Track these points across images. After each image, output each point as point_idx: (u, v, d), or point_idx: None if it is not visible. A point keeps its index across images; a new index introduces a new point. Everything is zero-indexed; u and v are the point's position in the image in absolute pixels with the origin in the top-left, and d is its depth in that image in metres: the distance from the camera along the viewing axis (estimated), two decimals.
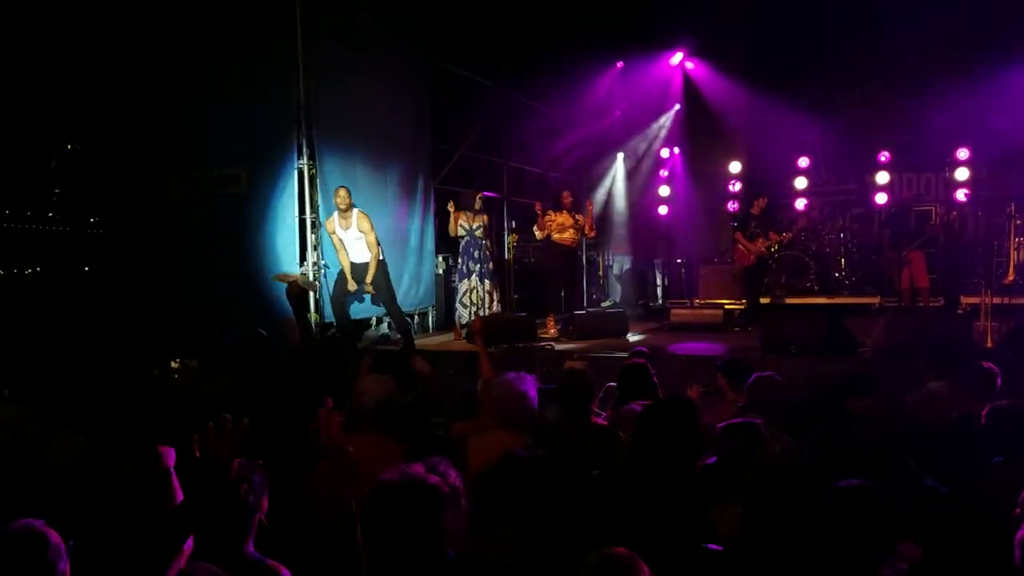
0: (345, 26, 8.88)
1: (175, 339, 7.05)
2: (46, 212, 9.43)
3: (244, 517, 2.48)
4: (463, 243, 9.53)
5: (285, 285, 6.90)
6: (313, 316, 8.31)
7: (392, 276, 8.62)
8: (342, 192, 8.04)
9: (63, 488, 2.99)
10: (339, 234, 8.17)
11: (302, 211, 8.38)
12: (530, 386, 3.90)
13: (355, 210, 8.14)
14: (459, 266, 9.60)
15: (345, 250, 8.18)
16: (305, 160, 8.36)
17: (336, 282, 8.33)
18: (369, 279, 8.15)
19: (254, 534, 2.51)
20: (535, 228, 9.86)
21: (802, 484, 2.58)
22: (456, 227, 9.51)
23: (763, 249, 10.17)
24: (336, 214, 8.12)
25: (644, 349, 5.38)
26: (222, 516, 2.42)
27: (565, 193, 10.02)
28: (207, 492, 2.36)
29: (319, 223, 8.46)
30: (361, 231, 8.13)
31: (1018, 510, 2.48)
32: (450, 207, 9.56)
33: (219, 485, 2.38)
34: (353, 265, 8.23)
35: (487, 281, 9.57)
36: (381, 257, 8.29)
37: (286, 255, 8.32)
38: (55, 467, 3.26)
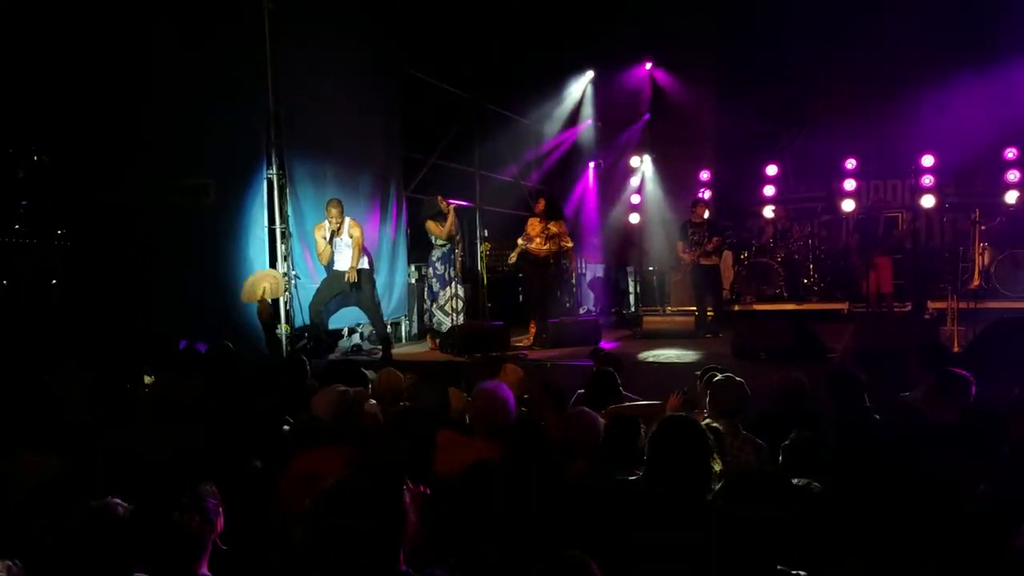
0: (315, 35, 8.84)
1: (144, 351, 6.96)
2: (12, 224, 9.25)
3: (198, 539, 2.45)
4: (444, 250, 9.44)
5: (256, 304, 6.89)
6: (283, 327, 8.24)
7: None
8: (332, 210, 8.00)
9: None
10: (328, 236, 8.11)
11: (271, 222, 8.30)
12: (508, 394, 3.98)
13: (347, 218, 8.14)
14: (440, 273, 9.47)
15: (331, 249, 8.13)
16: (275, 170, 8.30)
17: (318, 290, 8.27)
18: (351, 276, 8.04)
19: (208, 555, 2.49)
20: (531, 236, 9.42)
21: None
22: (441, 232, 9.36)
23: (695, 258, 10.06)
24: (327, 222, 8.08)
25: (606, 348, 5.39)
26: (174, 538, 2.40)
27: (540, 200, 9.89)
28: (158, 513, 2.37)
29: (289, 233, 8.40)
30: (351, 236, 8.11)
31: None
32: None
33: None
34: (336, 272, 8.20)
35: (462, 287, 9.55)
36: (367, 266, 8.30)
37: (256, 266, 8.23)
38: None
